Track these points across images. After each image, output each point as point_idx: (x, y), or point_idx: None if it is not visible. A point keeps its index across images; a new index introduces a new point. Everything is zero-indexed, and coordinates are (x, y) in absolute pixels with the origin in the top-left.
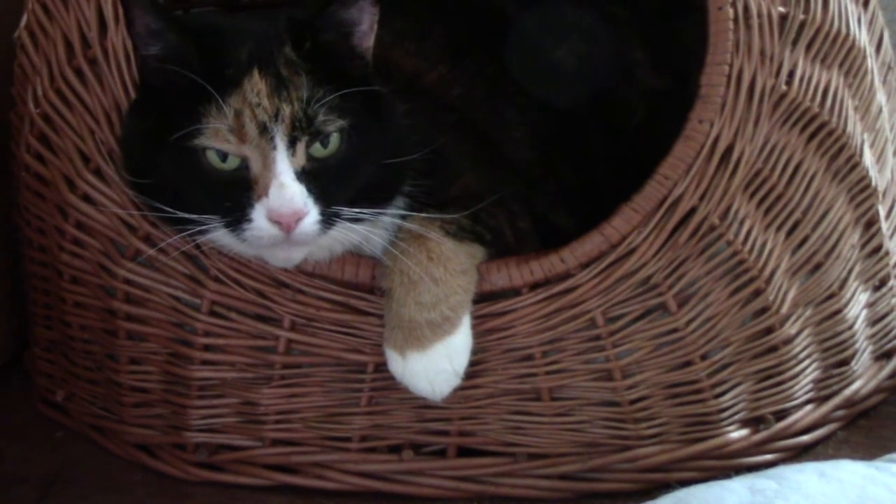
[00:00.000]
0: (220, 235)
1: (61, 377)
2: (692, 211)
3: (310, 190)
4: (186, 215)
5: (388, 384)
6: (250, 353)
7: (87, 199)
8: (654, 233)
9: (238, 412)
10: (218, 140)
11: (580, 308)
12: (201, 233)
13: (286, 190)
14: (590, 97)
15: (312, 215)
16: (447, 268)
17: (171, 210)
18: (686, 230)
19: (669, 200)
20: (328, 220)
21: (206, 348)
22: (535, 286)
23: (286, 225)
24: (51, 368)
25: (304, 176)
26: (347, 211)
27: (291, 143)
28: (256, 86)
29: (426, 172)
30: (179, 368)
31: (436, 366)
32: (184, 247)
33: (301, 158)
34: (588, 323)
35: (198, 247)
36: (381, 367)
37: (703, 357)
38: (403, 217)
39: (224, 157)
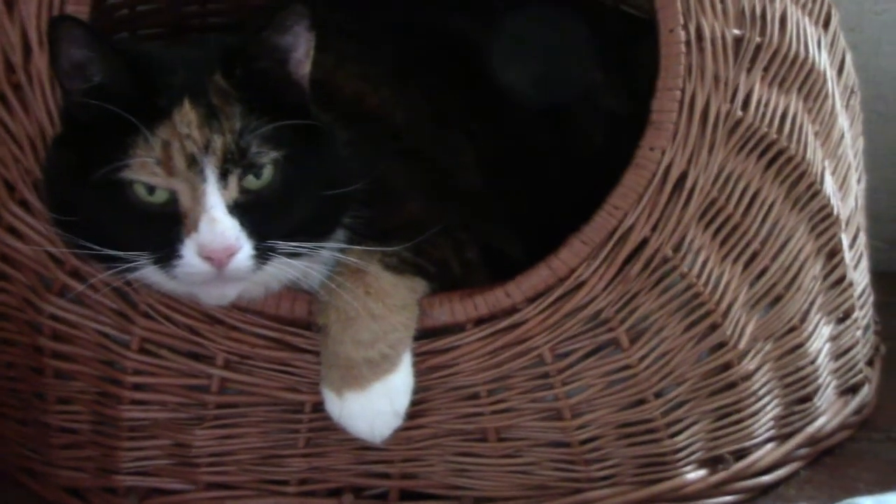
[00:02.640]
0: (149, 273)
1: None
2: (644, 242)
3: (243, 224)
4: (114, 253)
5: (327, 424)
6: (182, 392)
7: (12, 231)
8: (604, 265)
9: (170, 454)
10: (144, 173)
11: (527, 344)
12: (130, 270)
13: (217, 224)
14: (546, 121)
15: (245, 250)
16: (386, 303)
17: (97, 248)
18: (638, 262)
19: (620, 231)
20: (263, 255)
21: (136, 387)
22: (479, 321)
23: (218, 261)
24: None
25: (236, 209)
26: (283, 245)
27: (223, 176)
28: (186, 116)
29: (367, 202)
30: (108, 408)
31: (375, 406)
32: (113, 283)
33: (233, 191)
34: (536, 360)
35: (128, 283)
36: (320, 406)
37: (658, 395)
38: (343, 250)
39: (151, 190)
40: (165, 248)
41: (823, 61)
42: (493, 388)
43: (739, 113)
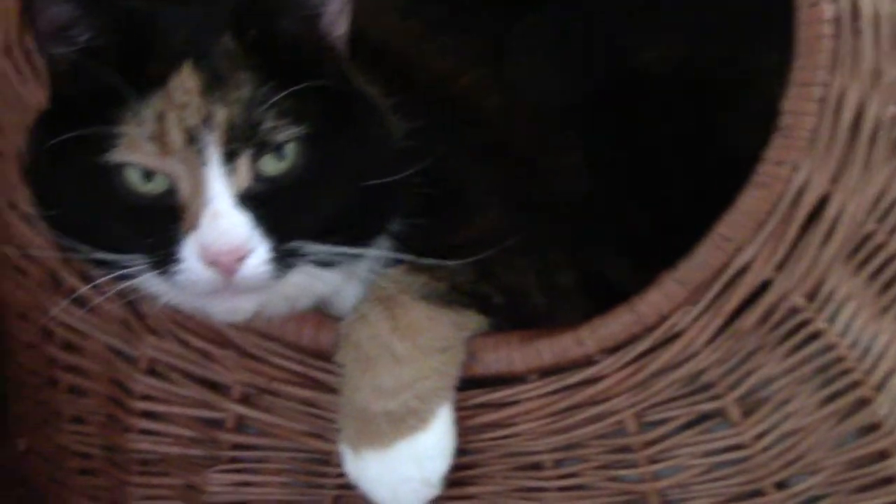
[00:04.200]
0: (149, 281)
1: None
2: (765, 286)
3: (258, 219)
4: (105, 256)
5: None
6: (195, 425)
7: (27, 219)
8: (709, 314)
9: (181, 496)
10: (135, 152)
11: (605, 407)
12: (127, 277)
13: (222, 219)
14: (681, 115)
15: (260, 253)
16: (417, 343)
17: (86, 248)
18: (755, 312)
19: (731, 270)
20: (283, 260)
21: (145, 415)
22: (545, 373)
23: (225, 266)
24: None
25: (249, 201)
26: (311, 248)
27: (230, 157)
28: (185, 82)
29: (427, 207)
30: (117, 435)
31: (398, 471)
32: (115, 289)
33: (244, 177)
34: (615, 427)
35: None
36: None
37: (780, 486)
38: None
39: (147, 177)
40: (163, 251)
41: None
42: (561, 458)
43: None
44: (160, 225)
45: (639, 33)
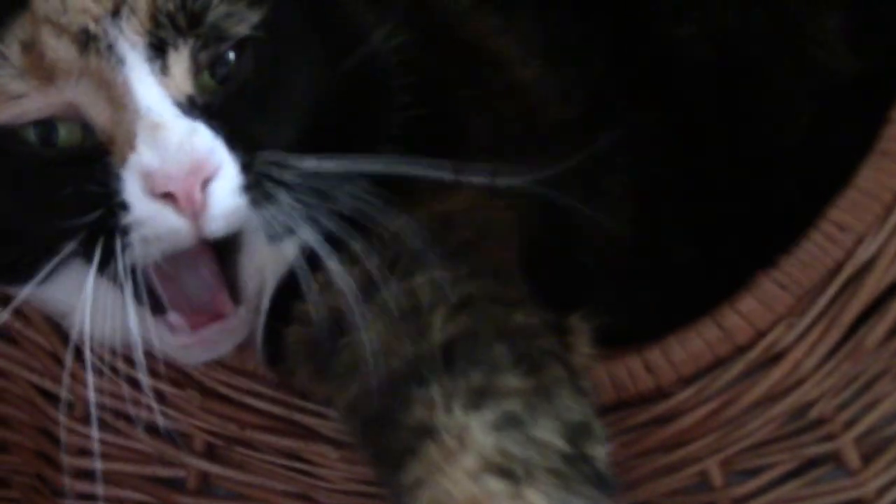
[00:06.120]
0: (77, 281)
1: None
2: (893, 290)
3: (215, 128)
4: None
5: None
6: (148, 487)
7: None
8: (819, 327)
9: None
10: (11, 102)
11: (683, 453)
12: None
13: (166, 130)
14: (722, 103)
15: (229, 173)
16: None
17: None
18: (881, 323)
19: (849, 269)
20: (260, 184)
21: (83, 474)
22: (604, 410)
23: (185, 195)
24: None
25: (202, 109)
26: (292, 162)
27: (158, 51)
28: None
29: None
30: (48, 502)
31: None
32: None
33: (185, 78)
34: (697, 479)
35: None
36: None
37: None
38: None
39: (49, 132)
40: (99, 216)
41: None
42: None
43: None
44: (89, 186)
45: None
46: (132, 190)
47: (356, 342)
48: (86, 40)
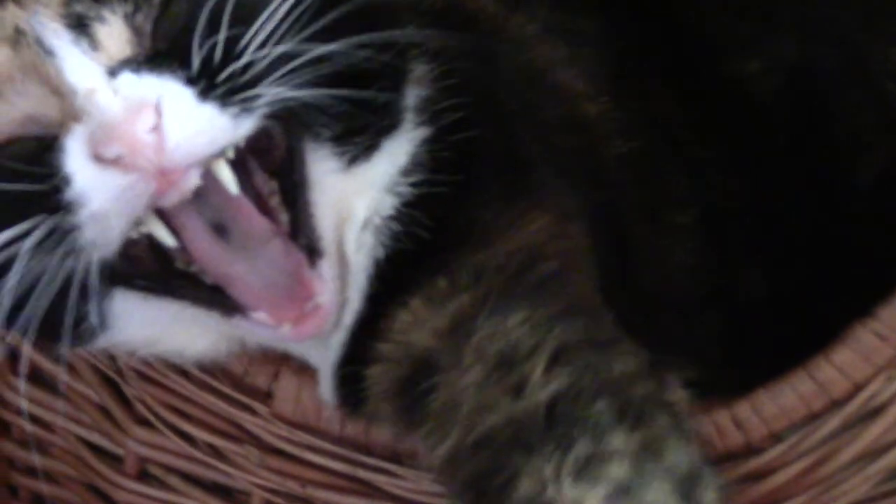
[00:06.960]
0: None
1: None
2: None
3: (161, 69)
4: None
5: None
6: None
7: None
8: None
9: None
10: None
11: None
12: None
13: (98, 92)
14: (792, 138)
15: (176, 92)
16: None
17: None
18: None
19: None
20: (233, 95)
21: None
22: None
23: (130, 140)
24: None
25: (134, 63)
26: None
27: (80, 29)
28: None
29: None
30: None
31: None
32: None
33: (122, 48)
34: None
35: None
36: None
37: None
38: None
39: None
40: (41, 199)
41: None
42: None
43: None
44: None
45: (736, 37)
46: (74, 160)
47: (450, 383)
48: (17, 39)
